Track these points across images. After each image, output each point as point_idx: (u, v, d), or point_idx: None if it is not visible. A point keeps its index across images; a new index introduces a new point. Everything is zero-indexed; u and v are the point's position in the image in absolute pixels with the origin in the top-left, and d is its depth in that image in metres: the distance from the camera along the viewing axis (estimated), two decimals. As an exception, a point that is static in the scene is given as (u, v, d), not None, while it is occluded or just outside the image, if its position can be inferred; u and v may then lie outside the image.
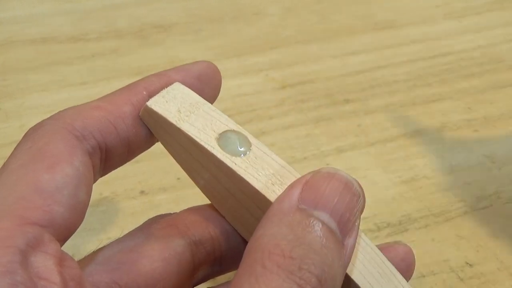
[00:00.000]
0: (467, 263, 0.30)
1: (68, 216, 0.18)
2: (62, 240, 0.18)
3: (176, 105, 0.21)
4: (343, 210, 0.19)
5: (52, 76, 0.42)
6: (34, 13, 0.48)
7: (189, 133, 0.20)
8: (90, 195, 0.20)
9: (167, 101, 0.21)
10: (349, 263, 0.19)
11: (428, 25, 0.49)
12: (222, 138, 0.21)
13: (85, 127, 0.20)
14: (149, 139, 0.22)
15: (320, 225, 0.18)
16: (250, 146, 0.21)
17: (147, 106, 0.21)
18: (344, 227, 0.19)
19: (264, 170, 0.20)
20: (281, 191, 0.20)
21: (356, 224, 0.20)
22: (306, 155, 0.36)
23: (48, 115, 0.24)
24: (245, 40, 0.46)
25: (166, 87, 0.22)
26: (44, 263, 0.17)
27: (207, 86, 0.24)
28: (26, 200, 0.18)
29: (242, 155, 0.20)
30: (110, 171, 0.22)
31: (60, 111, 0.22)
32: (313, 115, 0.39)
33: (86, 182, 0.20)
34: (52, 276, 0.17)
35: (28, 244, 0.17)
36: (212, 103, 0.22)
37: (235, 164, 0.20)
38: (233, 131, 0.21)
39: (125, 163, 0.22)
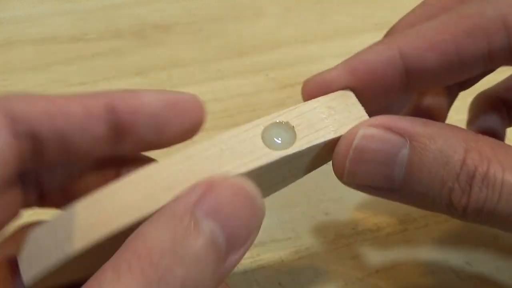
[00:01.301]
0: (467, 263, 0.30)
1: None
2: None
3: None
4: (238, 224, 0.19)
5: (52, 76, 0.42)
6: (34, 13, 0.48)
7: None
8: (3, 177, 0.19)
9: None
10: (225, 278, 0.19)
11: (428, 25, 0.49)
12: None
13: (22, 112, 0.20)
14: (88, 144, 0.21)
15: (205, 237, 0.18)
16: None
17: None
18: (233, 242, 0.19)
19: None
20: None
21: (250, 240, 0.19)
22: (306, 155, 0.36)
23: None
24: (245, 40, 0.46)
25: (131, 104, 0.21)
26: None
27: (179, 118, 0.23)
28: None
29: None
30: (50, 167, 0.21)
31: (10, 93, 0.21)
32: (313, 115, 0.39)
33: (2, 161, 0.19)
34: None
35: None
36: (186, 138, 0.22)
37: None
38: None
39: (70, 168, 0.22)
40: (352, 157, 0.23)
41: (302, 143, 0.21)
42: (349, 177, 0.24)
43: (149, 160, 0.23)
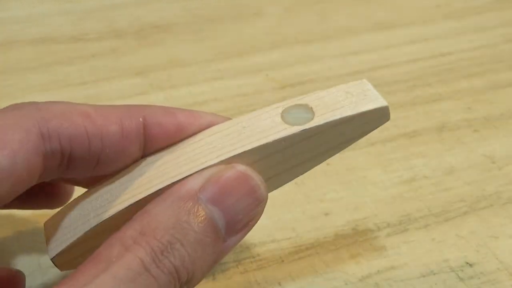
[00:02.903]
0: (467, 263, 0.30)
1: None
2: None
3: None
4: (238, 211, 0.20)
5: (52, 76, 0.42)
6: (34, 13, 0.48)
7: None
8: (17, 193, 0.20)
9: None
10: (223, 258, 0.21)
11: (428, 25, 0.49)
12: None
13: (57, 130, 0.20)
14: (118, 161, 0.22)
15: (207, 220, 0.19)
16: None
17: None
18: (233, 227, 0.20)
19: None
20: None
21: (249, 224, 0.21)
22: (306, 155, 0.36)
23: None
24: (245, 40, 0.46)
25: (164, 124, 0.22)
26: None
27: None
28: None
29: None
30: (75, 175, 0.22)
31: (51, 102, 0.21)
32: (313, 115, 0.39)
33: (14, 181, 0.19)
34: None
35: None
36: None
37: None
38: None
39: (95, 174, 0.22)
40: None
41: (319, 119, 0.22)
42: None
43: None
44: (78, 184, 0.26)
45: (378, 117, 0.23)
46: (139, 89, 0.41)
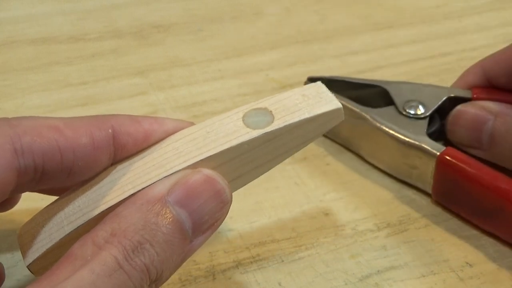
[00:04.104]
0: (467, 263, 0.30)
1: None
2: None
3: None
4: (204, 213, 0.21)
5: (52, 76, 0.42)
6: (34, 13, 0.48)
7: None
8: None
9: None
10: (190, 256, 0.22)
11: (428, 25, 0.49)
12: None
13: (30, 146, 0.21)
14: (90, 171, 0.23)
15: (174, 222, 0.21)
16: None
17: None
18: (199, 228, 0.21)
19: None
20: None
21: (214, 225, 0.22)
22: (306, 155, 0.36)
23: (48, 115, 0.24)
24: (245, 40, 0.46)
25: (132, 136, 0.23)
26: None
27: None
28: None
29: None
30: (46, 187, 0.23)
31: (22, 118, 0.22)
32: (313, 115, 0.39)
33: None
34: None
35: None
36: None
37: None
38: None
39: (67, 184, 0.23)
40: (450, 121, 0.33)
41: (279, 123, 0.23)
42: (449, 135, 0.34)
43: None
44: (49, 193, 0.26)
45: (333, 117, 0.24)
46: (139, 89, 0.41)
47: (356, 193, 0.34)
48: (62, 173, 0.22)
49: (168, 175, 0.22)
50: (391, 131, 0.33)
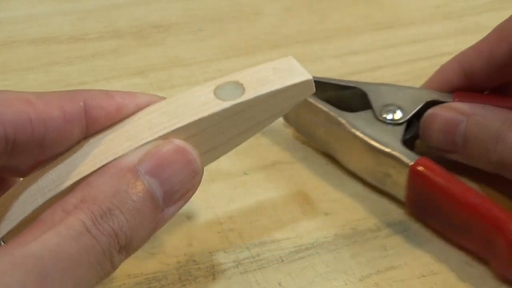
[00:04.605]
0: (467, 263, 0.30)
1: None
2: None
3: None
4: (175, 183, 0.22)
5: (52, 76, 0.42)
6: (34, 13, 0.48)
7: None
8: None
9: None
10: (161, 227, 0.22)
11: (428, 25, 0.49)
12: None
13: (1, 116, 0.21)
14: (62, 144, 0.23)
15: (145, 191, 0.21)
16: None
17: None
18: (170, 197, 0.22)
19: None
20: None
21: (186, 196, 0.22)
22: (306, 155, 0.36)
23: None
24: (245, 40, 0.46)
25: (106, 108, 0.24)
26: None
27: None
28: None
29: None
30: (19, 162, 0.23)
31: None
32: (313, 115, 0.39)
33: None
34: None
35: None
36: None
37: None
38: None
39: (39, 158, 0.23)
40: (423, 125, 0.33)
41: (250, 94, 0.23)
42: (424, 140, 0.33)
43: None
44: (23, 175, 0.26)
45: (304, 89, 0.25)
46: (139, 89, 0.41)
47: (356, 193, 0.34)
48: (34, 146, 0.22)
49: (139, 146, 0.22)
50: (365, 138, 0.32)
